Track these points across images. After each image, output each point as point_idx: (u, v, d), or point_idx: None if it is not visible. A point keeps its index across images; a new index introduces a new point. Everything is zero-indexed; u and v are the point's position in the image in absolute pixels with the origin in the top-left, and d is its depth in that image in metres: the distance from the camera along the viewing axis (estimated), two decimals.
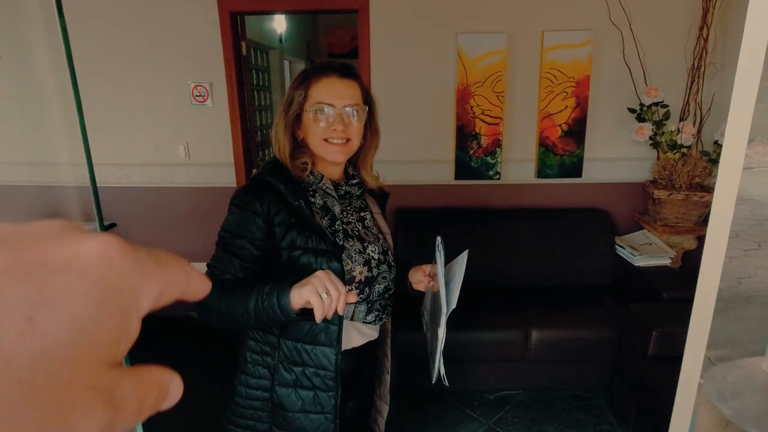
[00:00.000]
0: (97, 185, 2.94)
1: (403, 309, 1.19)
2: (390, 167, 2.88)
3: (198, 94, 2.75)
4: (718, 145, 2.35)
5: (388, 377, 1.16)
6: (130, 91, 2.76)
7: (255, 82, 3.88)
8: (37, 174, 2.88)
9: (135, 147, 2.85)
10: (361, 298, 1.01)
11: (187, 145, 2.84)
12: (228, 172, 2.88)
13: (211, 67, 2.73)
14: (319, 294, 0.79)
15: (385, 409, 1.19)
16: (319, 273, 0.82)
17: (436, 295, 0.97)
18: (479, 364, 2.30)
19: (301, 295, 0.82)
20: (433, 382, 0.98)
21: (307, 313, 0.83)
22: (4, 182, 2.90)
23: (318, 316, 0.79)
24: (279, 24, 5.02)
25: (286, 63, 5.25)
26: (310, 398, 0.99)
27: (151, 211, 2.94)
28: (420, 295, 1.13)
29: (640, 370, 1.98)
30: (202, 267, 2.89)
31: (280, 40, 5.06)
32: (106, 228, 1.95)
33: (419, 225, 2.70)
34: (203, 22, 2.66)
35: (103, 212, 2.98)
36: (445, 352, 1.00)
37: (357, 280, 0.99)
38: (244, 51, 2.85)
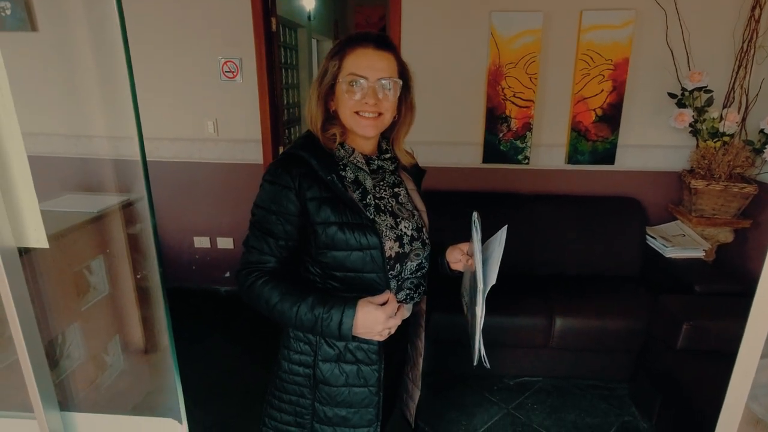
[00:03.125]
0: (129, 158, 3.01)
1: (435, 289, 1.18)
2: (417, 148, 2.84)
3: (228, 70, 2.76)
4: (764, 134, 2.23)
5: (421, 360, 1.15)
6: (161, 65, 2.79)
7: (283, 60, 3.88)
8: (73, 146, 2.96)
9: (164, 121, 2.89)
10: (392, 274, 1.00)
11: (216, 121, 2.87)
12: (256, 148, 2.90)
13: (241, 43, 2.73)
14: (385, 333, 0.90)
15: (416, 393, 1.18)
16: (382, 317, 0.89)
17: (474, 275, 0.95)
18: (501, 349, 2.30)
19: (363, 335, 0.91)
20: (474, 364, 0.98)
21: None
22: (43, 153, 2.99)
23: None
24: (308, 1, 4.98)
25: (314, 41, 5.21)
26: (354, 372, 0.99)
27: (179, 185, 3.00)
28: (459, 276, 1.12)
29: (667, 362, 1.94)
30: (228, 242, 2.99)
31: (309, 18, 5.02)
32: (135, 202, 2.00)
33: (445, 208, 2.66)
34: None
35: (132, 184, 3.07)
36: (465, 335, 0.99)
37: (387, 255, 0.97)
38: (274, 27, 2.84)
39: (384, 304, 0.91)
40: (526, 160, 2.74)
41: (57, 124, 2.94)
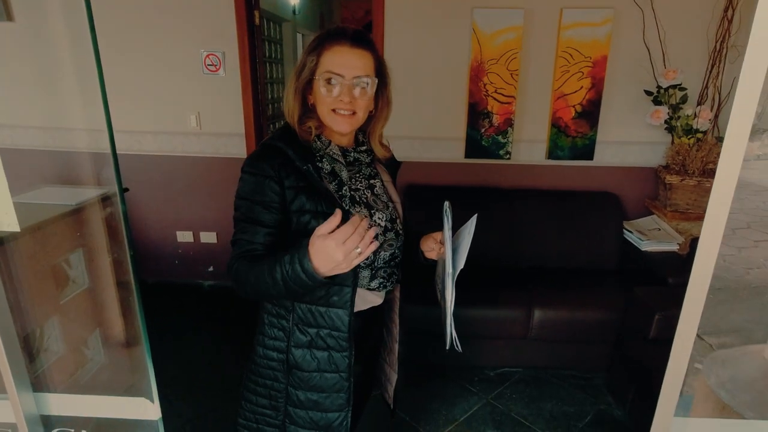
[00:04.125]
0: (104, 151, 2.97)
1: (411, 281, 1.21)
2: (400, 143, 2.88)
3: (210, 63, 2.75)
4: None
5: (396, 346, 1.18)
6: (144, 58, 2.76)
7: (267, 54, 3.86)
8: (51, 139, 2.91)
9: (147, 115, 2.87)
10: (364, 264, 1.02)
11: (199, 115, 2.85)
12: (239, 142, 2.89)
13: (223, 37, 2.72)
14: (354, 257, 0.79)
15: (393, 377, 1.21)
16: (333, 244, 0.78)
17: (445, 261, 0.98)
18: (481, 341, 2.34)
19: (331, 271, 0.82)
20: (447, 348, 1.01)
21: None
22: (20, 146, 2.94)
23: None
24: None
25: (299, 36, 5.18)
26: (325, 358, 1.01)
27: (162, 179, 2.98)
28: (433, 264, 1.14)
29: (640, 352, 2.00)
30: (211, 236, 2.99)
31: (294, 12, 5.00)
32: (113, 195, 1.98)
33: (428, 202, 2.70)
34: None
35: (111, 178, 3.03)
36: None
37: None
38: (257, 20, 2.83)
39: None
40: (508, 155, 2.78)
41: (34, 117, 2.89)
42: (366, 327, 1.10)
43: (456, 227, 1.06)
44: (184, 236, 3.08)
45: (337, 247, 0.78)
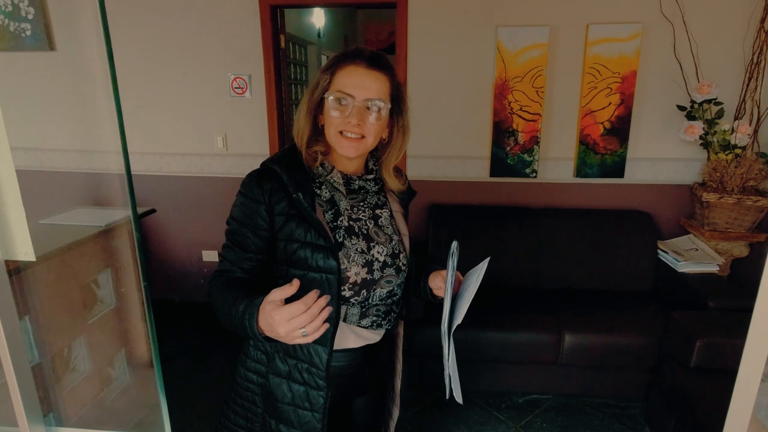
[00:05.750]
0: (140, 173, 3.06)
1: (432, 304, 1.15)
2: (424, 162, 2.87)
3: (237, 86, 2.81)
4: None
5: (398, 381, 1.12)
6: (173, 82, 2.85)
7: (293, 77, 3.94)
8: (87, 161, 3.03)
9: (175, 137, 2.94)
10: (356, 300, 0.96)
11: (225, 136, 2.91)
12: None
13: (250, 60, 2.78)
14: (296, 337, 0.74)
15: (395, 413, 1.15)
16: (277, 318, 0.73)
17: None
18: (509, 366, 2.25)
19: (277, 339, 0.77)
20: (447, 398, 0.95)
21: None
22: (58, 168, 3.06)
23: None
24: (318, 19, 5.07)
25: (324, 57, 5.29)
26: (300, 393, 0.96)
27: (189, 200, 3.04)
28: (442, 302, 1.09)
29: (681, 381, 1.88)
30: None
31: (319, 35, 5.11)
32: (146, 214, 2.02)
33: (452, 222, 2.67)
34: (243, 15, 2.72)
35: (144, 199, 3.10)
36: (473, 352, 0.96)
37: (351, 281, 0.94)
38: (282, 44, 2.89)
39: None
40: (534, 174, 2.72)
41: (72, 140, 3.01)
42: (363, 364, 1.03)
43: (469, 261, 1.00)
44: (210, 256, 3.12)
45: (280, 323, 0.73)
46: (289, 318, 0.72)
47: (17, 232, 0.45)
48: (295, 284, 0.74)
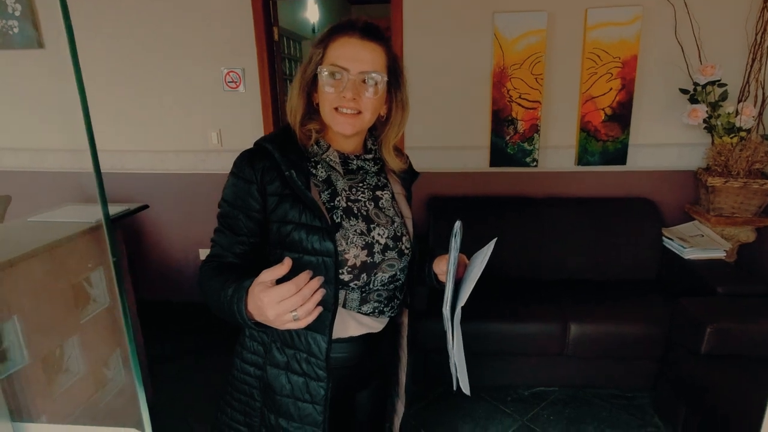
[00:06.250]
0: (133, 171, 3.00)
1: (436, 295, 1.11)
2: (423, 153, 2.81)
3: (230, 80, 2.76)
4: None
5: (404, 376, 1.07)
6: (165, 77, 2.80)
7: (287, 72, 3.89)
8: (78, 160, 2.97)
9: (170, 134, 2.89)
10: (355, 285, 0.91)
11: (220, 132, 2.86)
12: None
13: (243, 53, 2.73)
14: (287, 321, 0.69)
15: (401, 409, 1.10)
16: (266, 300, 0.68)
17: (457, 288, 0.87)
18: (513, 358, 2.20)
19: (268, 324, 0.72)
20: (454, 389, 0.90)
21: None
22: (49, 168, 3.00)
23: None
24: (312, 13, 5.02)
25: None
26: (300, 385, 0.91)
27: (184, 196, 2.98)
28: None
29: (691, 368, 1.84)
30: None
31: (313, 30, 5.06)
32: (138, 210, 1.97)
33: (453, 214, 2.62)
34: (235, 7, 2.66)
35: (139, 197, 3.04)
36: (477, 345, 0.91)
37: (350, 264, 0.89)
38: (276, 36, 2.84)
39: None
40: (535, 163, 2.67)
41: (62, 139, 2.96)
42: (364, 354, 0.98)
43: (471, 247, 0.95)
44: (206, 254, 3.07)
45: (269, 305, 0.68)
46: (278, 300, 0.67)
47: None
48: (287, 263, 0.68)
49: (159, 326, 2.85)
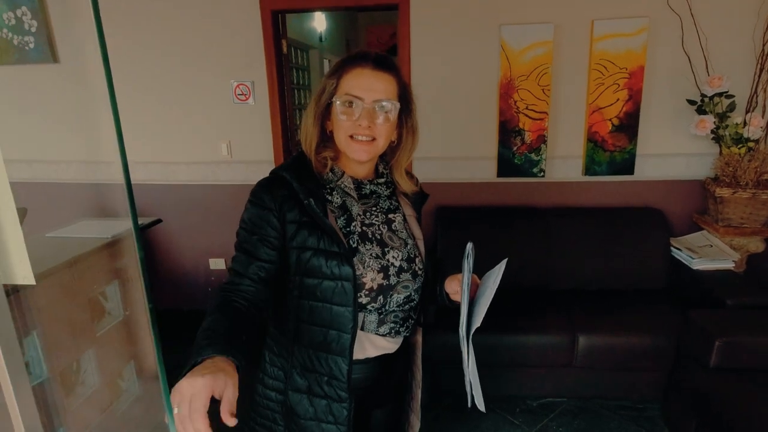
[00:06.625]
0: (145, 183, 3.05)
1: (445, 309, 1.12)
2: (430, 164, 2.84)
3: (240, 92, 2.80)
4: None
5: (419, 391, 1.10)
6: (176, 90, 2.85)
7: (295, 81, 3.93)
8: (93, 172, 3.03)
9: (181, 145, 2.94)
10: (373, 307, 0.94)
11: (230, 143, 2.90)
12: (268, 169, 2.86)
13: (252, 66, 2.77)
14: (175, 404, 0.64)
15: (416, 424, 1.13)
16: (184, 384, 0.64)
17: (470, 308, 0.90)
18: (521, 369, 2.21)
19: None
20: (469, 406, 0.92)
21: None
22: (64, 180, 3.06)
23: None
24: (319, 23, 5.07)
25: (326, 62, 5.28)
26: (323, 407, 0.94)
27: (195, 208, 3.03)
28: (459, 307, 1.07)
29: (700, 382, 1.84)
30: None
31: (320, 39, 5.10)
32: (152, 224, 2.01)
33: (460, 224, 2.64)
34: (245, 21, 2.70)
35: (150, 208, 3.09)
36: (486, 356, 0.93)
37: (368, 287, 0.92)
38: (284, 49, 2.88)
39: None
40: (542, 173, 2.68)
41: (78, 151, 3.02)
42: (381, 374, 1.01)
43: (482, 263, 0.97)
44: (217, 263, 3.11)
45: (181, 399, 0.64)
46: (188, 397, 0.63)
47: (14, 254, 0.44)
48: (232, 423, 0.65)
49: (171, 335, 2.89)
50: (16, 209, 0.45)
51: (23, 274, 0.44)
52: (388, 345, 0.99)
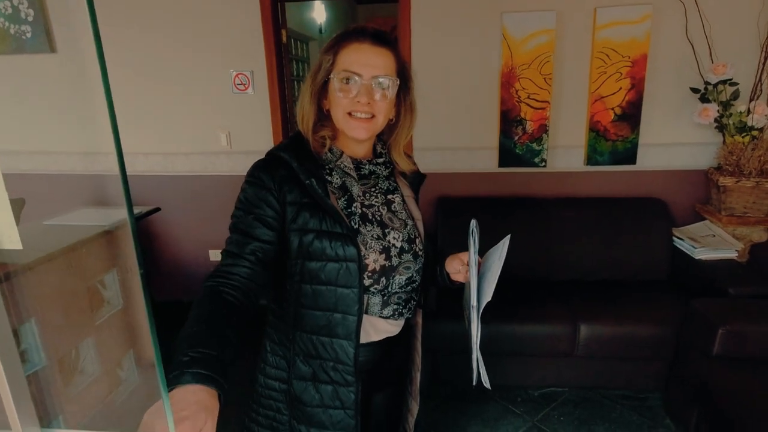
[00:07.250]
0: (144, 174, 3.03)
1: (446, 294, 1.12)
2: (431, 154, 2.82)
3: (240, 82, 2.78)
4: None
5: (418, 375, 1.08)
6: (176, 80, 2.82)
7: (295, 73, 3.90)
8: (91, 163, 3.01)
9: (180, 136, 2.92)
10: (376, 289, 0.92)
11: (229, 134, 2.88)
12: None
13: (251, 56, 2.74)
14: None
15: (415, 408, 1.11)
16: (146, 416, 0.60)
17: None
18: (523, 359, 2.20)
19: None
20: (474, 384, 0.90)
21: None
22: (63, 171, 3.04)
23: None
24: (319, 14, 5.03)
25: None
26: (329, 393, 0.92)
27: (194, 199, 3.01)
28: (460, 287, 1.04)
29: (703, 371, 1.83)
30: None
31: (320, 30, 5.07)
32: (150, 213, 1.99)
33: (461, 215, 2.62)
34: (244, 10, 2.68)
35: (149, 199, 3.07)
36: (487, 345, 0.92)
37: (371, 268, 0.90)
38: (284, 39, 2.85)
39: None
40: (543, 163, 2.66)
41: (76, 142, 2.99)
42: (382, 357, 0.99)
43: (487, 246, 0.96)
44: (216, 255, 3.09)
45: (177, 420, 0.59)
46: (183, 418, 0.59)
47: (1, 220, 0.42)
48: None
49: (170, 326, 2.88)
50: (14, 200, 0.44)
51: (10, 238, 0.43)
52: (391, 328, 0.98)
